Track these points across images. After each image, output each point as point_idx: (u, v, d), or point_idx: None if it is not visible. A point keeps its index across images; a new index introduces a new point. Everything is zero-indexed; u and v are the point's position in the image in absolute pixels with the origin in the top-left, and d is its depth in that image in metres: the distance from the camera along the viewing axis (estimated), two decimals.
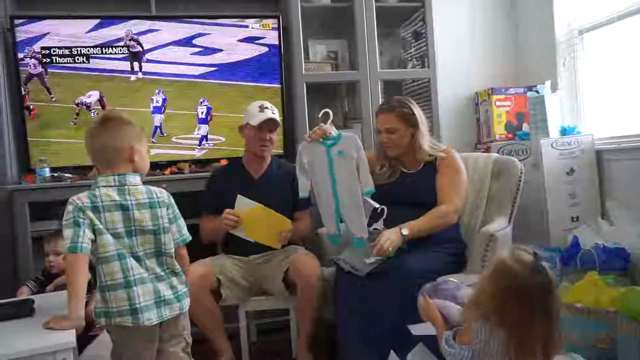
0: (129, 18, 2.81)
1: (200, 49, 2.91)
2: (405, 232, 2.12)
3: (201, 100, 2.91)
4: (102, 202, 1.55)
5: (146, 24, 2.82)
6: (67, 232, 1.49)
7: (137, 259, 1.58)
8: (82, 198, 1.55)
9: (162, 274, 1.63)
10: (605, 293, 2.08)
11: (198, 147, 2.93)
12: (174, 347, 1.68)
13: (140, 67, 2.82)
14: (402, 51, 3.34)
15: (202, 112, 2.92)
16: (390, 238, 2.06)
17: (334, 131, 2.14)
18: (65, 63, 2.72)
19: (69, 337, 1.36)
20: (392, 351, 1.91)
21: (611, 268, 2.36)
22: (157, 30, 2.84)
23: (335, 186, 2.12)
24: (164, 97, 2.86)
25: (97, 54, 2.76)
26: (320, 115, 2.22)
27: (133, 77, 2.82)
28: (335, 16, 3.13)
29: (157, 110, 2.86)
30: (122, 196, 1.58)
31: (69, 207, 1.52)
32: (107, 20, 2.77)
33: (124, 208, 1.57)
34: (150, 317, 1.56)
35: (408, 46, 3.29)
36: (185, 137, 2.92)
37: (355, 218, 2.10)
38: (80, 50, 2.73)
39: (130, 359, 1.60)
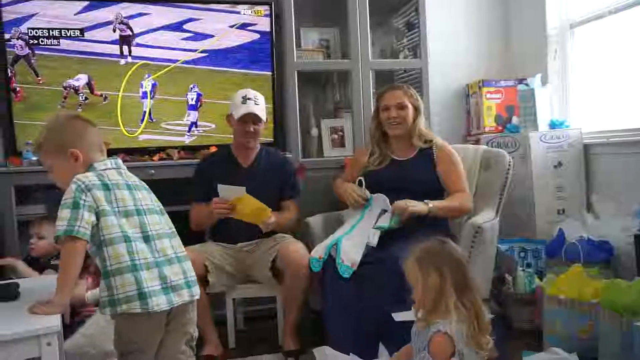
0: (119, 1, 2.76)
1: (190, 34, 2.88)
2: (430, 204, 2.22)
3: (191, 86, 2.89)
4: (110, 180, 1.54)
5: (136, 7, 2.78)
6: (64, 213, 1.42)
7: (147, 239, 1.53)
8: (88, 176, 1.51)
9: (173, 256, 1.58)
10: (589, 285, 2.11)
11: (187, 134, 2.91)
12: (176, 338, 1.60)
13: (130, 51, 2.79)
14: (395, 41, 3.33)
15: (192, 99, 2.90)
16: (413, 204, 2.19)
17: (367, 194, 2.31)
18: (53, 45, 2.67)
19: (54, 321, 1.35)
20: (380, 344, 1.93)
21: (595, 261, 2.39)
22: (147, 14, 2.80)
23: (354, 227, 2.26)
24: (153, 82, 2.83)
25: (85, 36, 2.71)
26: (356, 183, 2.38)
27: (122, 61, 2.78)
28: (328, 4, 3.11)
29: (146, 95, 2.83)
30: (121, 177, 1.59)
31: (72, 186, 1.47)
32: (97, 2, 2.72)
33: (129, 187, 1.58)
34: (159, 303, 1.47)
35: (400, 36, 3.28)
36: (174, 123, 2.90)
37: (352, 251, 2.15)
38: (69, 32, 2.69)
39: (139, 349, 1.53)
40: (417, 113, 2.41)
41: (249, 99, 2.39)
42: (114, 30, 2.75)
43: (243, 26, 2.94)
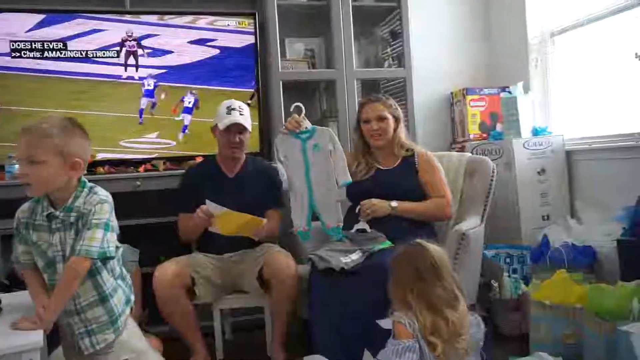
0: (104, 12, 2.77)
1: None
2: (394, 204, 2.26)
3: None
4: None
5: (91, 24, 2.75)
6: (99, 233, 1.48)
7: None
8: (108, 194, 1.59)
9: None
10: (573, 290, 2.13)
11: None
12: None
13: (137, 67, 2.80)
14: (379, 50, 3.36)
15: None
16: (376, 204, 2.24)
17: (307, 124, 2.28)
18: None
19: (37, 337, 1.34)
20: (365, 350, 1.93)
21: (579, 266, 2.42)
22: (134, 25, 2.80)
23: (309, 178, 2.24)
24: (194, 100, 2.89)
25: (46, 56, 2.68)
26: (292, 109, 2.33)
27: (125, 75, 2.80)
28: (312, 14, 3.13)
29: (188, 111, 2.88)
30: None
31: (106, 207, 1.53)
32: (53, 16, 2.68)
33: None
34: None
35: (385, 45, 3.32)
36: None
37: (329, 208, 2.23)
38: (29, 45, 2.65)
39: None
40: (397, 123, 2.44)
41: (233, 109, 2.38)
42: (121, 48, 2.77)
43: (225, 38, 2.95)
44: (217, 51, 2.94)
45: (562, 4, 3.09)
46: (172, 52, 2.87)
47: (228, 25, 2.95)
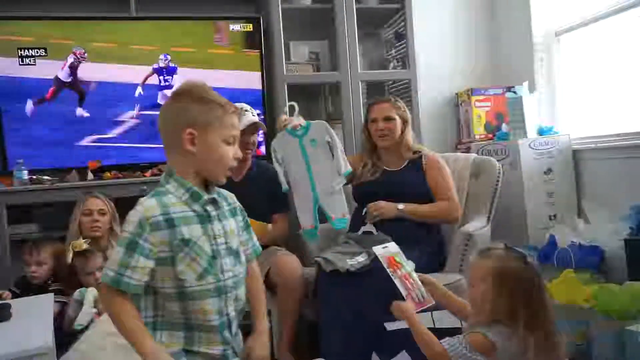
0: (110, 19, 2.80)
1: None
2: (400, 206, 2.26)
3: None
4: None
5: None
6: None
7: None
8: None
9: None
10: (581, 290, 2.12)
11: None
12: None
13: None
14: (384, 52, 3.36)
15: None
16: (383, 207, 2.24)
17: (302, 121, 2.25)
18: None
19: (47, 341, 1.35)
20: (374, 353, 1.93)
21: (586, 265, 2.40)
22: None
23: (311, 174, 2.22)
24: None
25: None
26: (285, 110, 2.33)
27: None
28: (316, 17, 3.14)
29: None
30: None
31: None
32: None
33: None
34: None
35: (389, 47, 3.32)
36: None
37: (335, 201, 2.21)
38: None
39: None
40: (405, 125, 2.44)
41: (246, 110, 2.40)
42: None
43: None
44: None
45: (567, 2, 3.08)
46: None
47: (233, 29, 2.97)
